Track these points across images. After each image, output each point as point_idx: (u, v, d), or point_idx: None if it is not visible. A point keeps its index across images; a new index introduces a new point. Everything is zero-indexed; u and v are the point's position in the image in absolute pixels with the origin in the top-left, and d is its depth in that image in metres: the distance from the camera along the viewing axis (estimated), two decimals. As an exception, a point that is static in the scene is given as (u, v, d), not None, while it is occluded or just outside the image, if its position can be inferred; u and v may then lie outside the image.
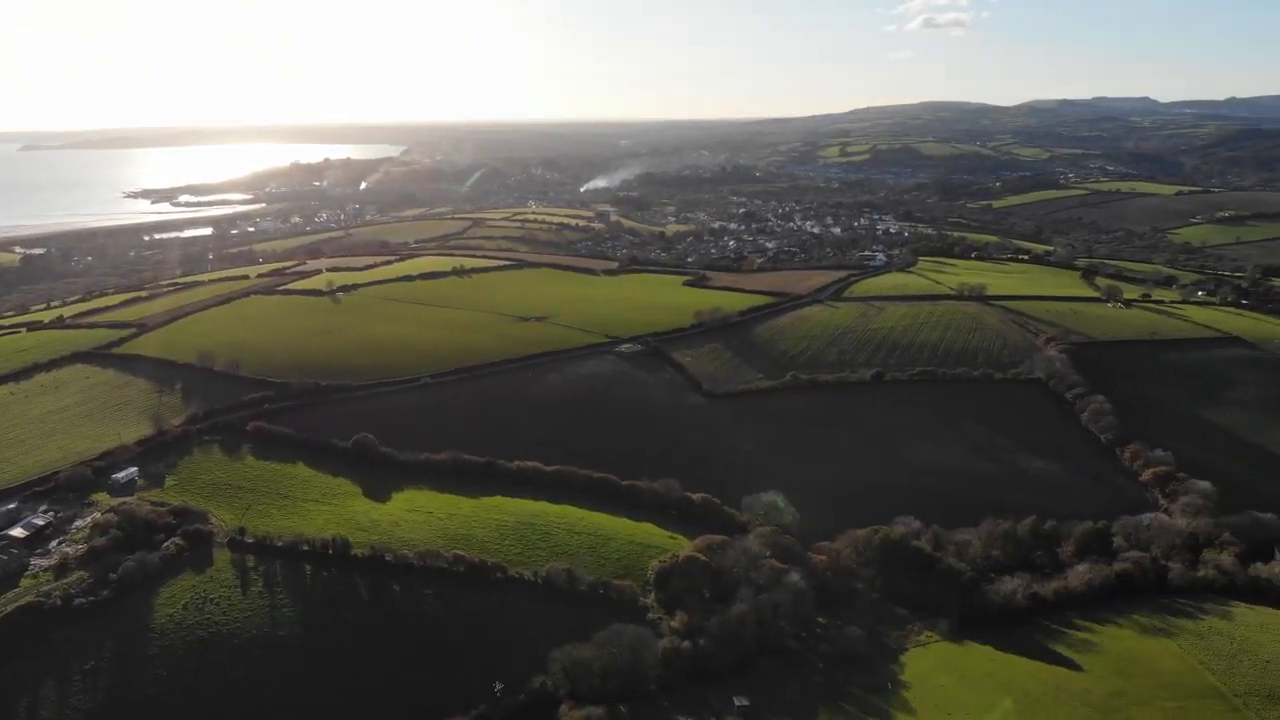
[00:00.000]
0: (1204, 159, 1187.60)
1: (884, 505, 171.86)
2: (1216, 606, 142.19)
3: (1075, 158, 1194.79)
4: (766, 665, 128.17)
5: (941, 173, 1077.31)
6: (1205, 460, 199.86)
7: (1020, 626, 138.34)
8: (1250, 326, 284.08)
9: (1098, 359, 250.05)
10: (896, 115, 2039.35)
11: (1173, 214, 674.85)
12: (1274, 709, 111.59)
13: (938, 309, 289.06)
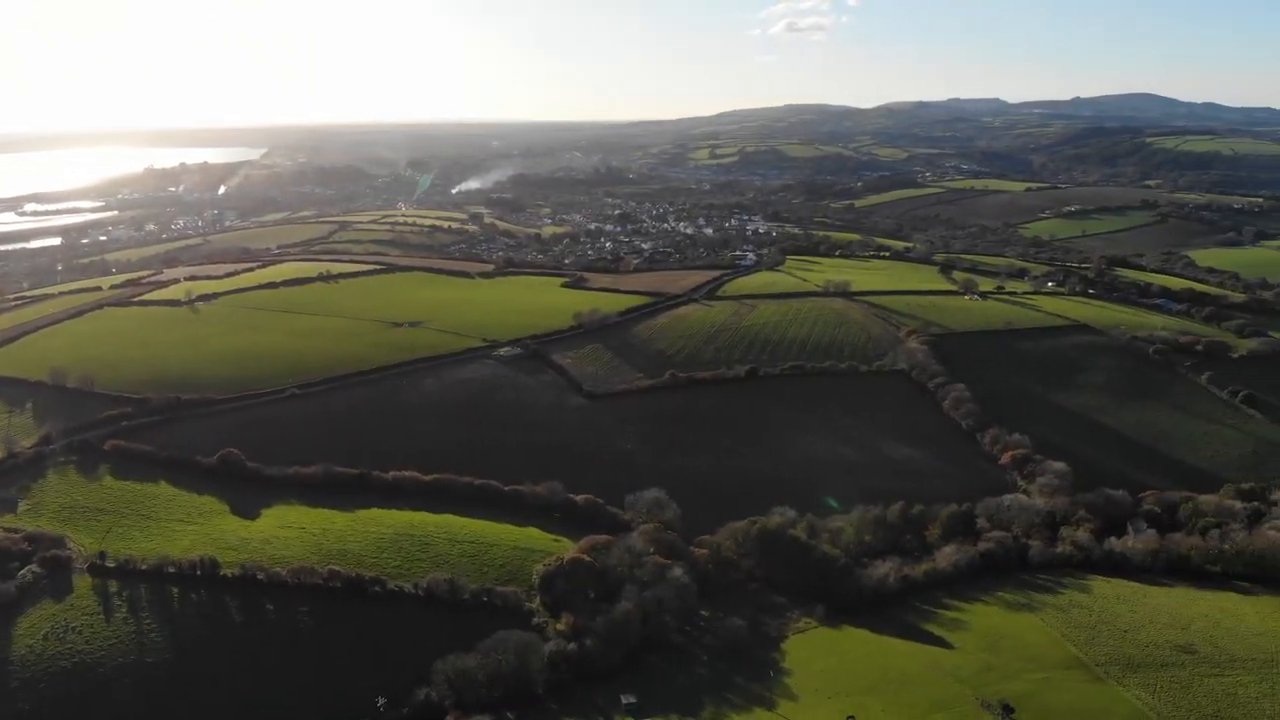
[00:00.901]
0: (1051, 156, 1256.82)
1: (761, 496, 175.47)
2: (1075, 580, 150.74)
3: (932, 157, 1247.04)
4: (653, 661, 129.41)
5: (806, 173, 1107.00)
6: (1060, 442, 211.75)
7: (893, 608, 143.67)
8: (1097, 314, 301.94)
9: (957, 349, 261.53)
10: (762, 118, 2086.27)
11: (1023, 209, 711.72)
12: (1132, 676, 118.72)
13: (806, 305, 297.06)
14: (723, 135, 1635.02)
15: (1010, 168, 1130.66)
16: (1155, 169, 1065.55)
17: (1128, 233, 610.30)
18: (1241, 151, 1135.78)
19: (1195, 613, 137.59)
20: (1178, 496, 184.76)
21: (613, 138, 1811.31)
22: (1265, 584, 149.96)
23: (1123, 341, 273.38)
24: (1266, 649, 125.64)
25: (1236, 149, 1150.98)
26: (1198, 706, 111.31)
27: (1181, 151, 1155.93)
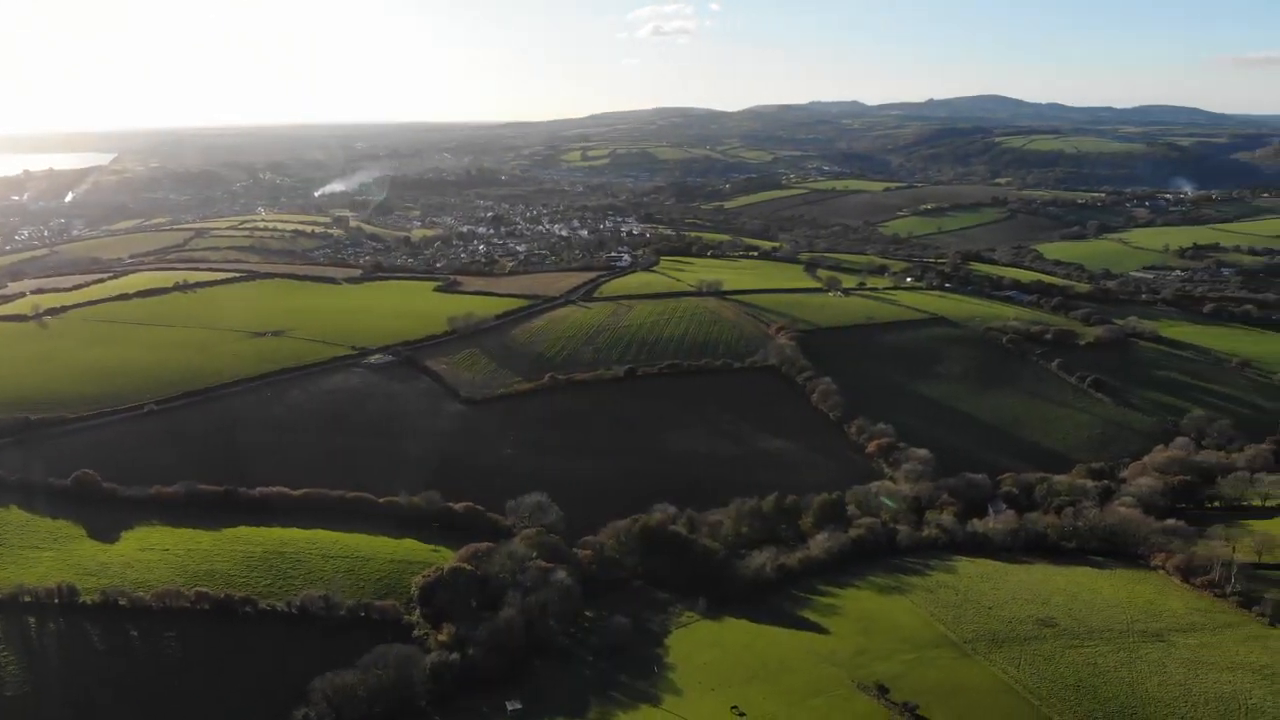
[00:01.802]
0: (908, 157, 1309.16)
1: (643, 494, 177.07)
2: (941, 562, 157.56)
3: (795, 159, 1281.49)
4: (539, 666, 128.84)
5: (677, 175, 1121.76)
6: (922, 430, 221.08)
7: (772, 597, 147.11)
8: (953, 307, 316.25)
9: (823, 344, 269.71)
10: (632, 120, 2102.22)
11: (882, 208, 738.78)
12: (998, 651, 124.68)
13: (680, 305, 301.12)
14: (594, 137, 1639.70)
15: (870, 168, 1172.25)
16: (1005, 167, 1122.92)
17: (980, 228, 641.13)
18: (1084, 149, 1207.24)
19: (1054, 587, 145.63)
20: (1034, 477, 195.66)
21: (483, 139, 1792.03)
22: (1117, 557, 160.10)
23: (978, 332, 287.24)
24: (1122, 619, 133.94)
25: (1079, 147, 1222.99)
26: (1060, 677, 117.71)
27: (1029, 150, 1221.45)
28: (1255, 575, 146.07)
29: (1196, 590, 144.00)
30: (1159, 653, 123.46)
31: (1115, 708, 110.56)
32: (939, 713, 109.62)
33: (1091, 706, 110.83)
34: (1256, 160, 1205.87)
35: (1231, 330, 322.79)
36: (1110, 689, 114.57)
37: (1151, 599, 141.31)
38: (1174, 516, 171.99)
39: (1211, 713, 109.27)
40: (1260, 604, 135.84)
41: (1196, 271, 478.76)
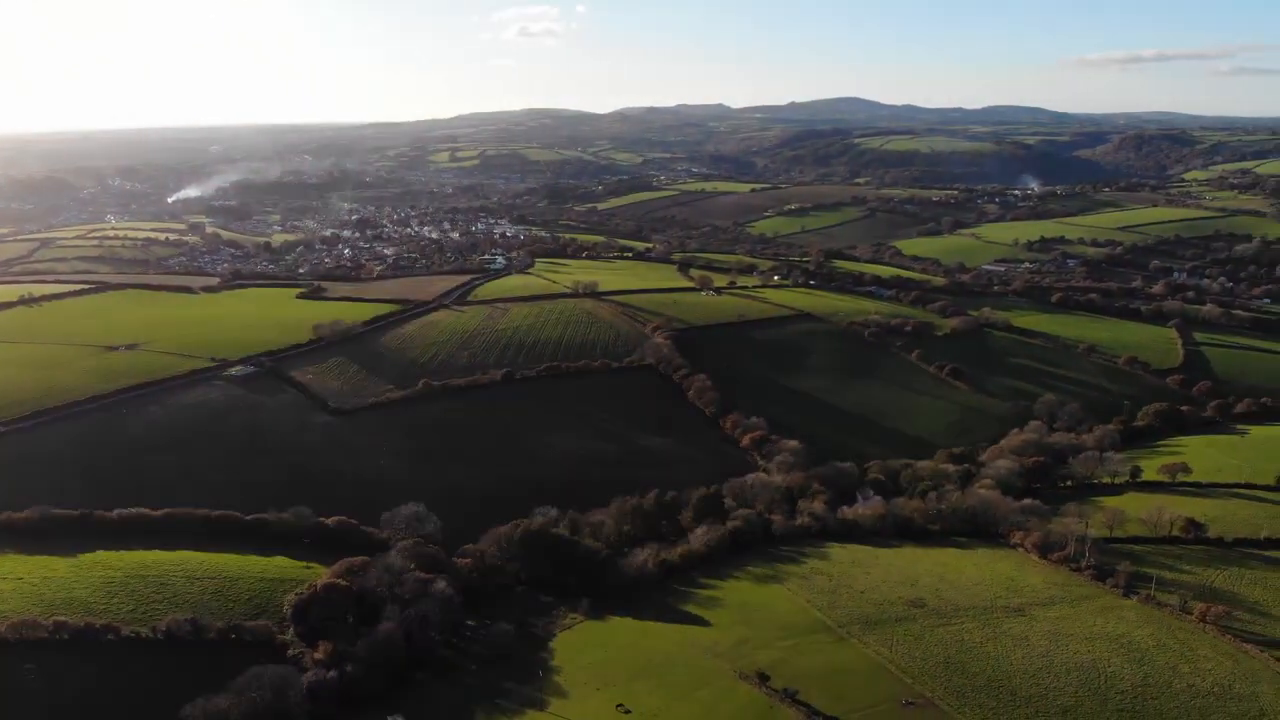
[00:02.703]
0: (772, 158, 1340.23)
1: (525, 498, 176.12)
2: (815, 549, 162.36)
3: (665, 161, 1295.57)
4: (421, 678, 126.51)
5: (549, 177, 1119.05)
6: (793, 422, 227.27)
7: (655, 593, 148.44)
8: (818, 303, 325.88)
9: (698, 342, 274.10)
10: (502, 121, 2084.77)
11: (750, 209, 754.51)
12: (871, 633, 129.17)
13: (557, 307, 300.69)
14: (462, 138, 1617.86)
15: (737, 170, 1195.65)
16: (863, 167, 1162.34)
17: (842, 227, 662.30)
18: (938, 149, 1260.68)
19: (922, 569, 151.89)
20: (899, 464, 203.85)
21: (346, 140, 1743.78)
22: (979, 537, 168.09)
23: (842, 326, 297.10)
24: (986, 596, 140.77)
25: (933, 147, 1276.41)
26: (930, 655, 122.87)
27: (886, 151, 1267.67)
28: (1107, 549, 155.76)
29: (1054, 565, 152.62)
30: (1022, 626, 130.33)
31: (983, 682, 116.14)
32: (818, 696, 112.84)
33: (961, 682, 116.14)
34: (1097, 156, 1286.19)
35: (1078, 318, 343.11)
36: (978, 664, 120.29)
37: (1012, 576, 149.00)
38: (1030, 496, 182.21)
39: (1073, 682, 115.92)
40: (1113, 576, 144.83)
41: (1044, 263, 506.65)
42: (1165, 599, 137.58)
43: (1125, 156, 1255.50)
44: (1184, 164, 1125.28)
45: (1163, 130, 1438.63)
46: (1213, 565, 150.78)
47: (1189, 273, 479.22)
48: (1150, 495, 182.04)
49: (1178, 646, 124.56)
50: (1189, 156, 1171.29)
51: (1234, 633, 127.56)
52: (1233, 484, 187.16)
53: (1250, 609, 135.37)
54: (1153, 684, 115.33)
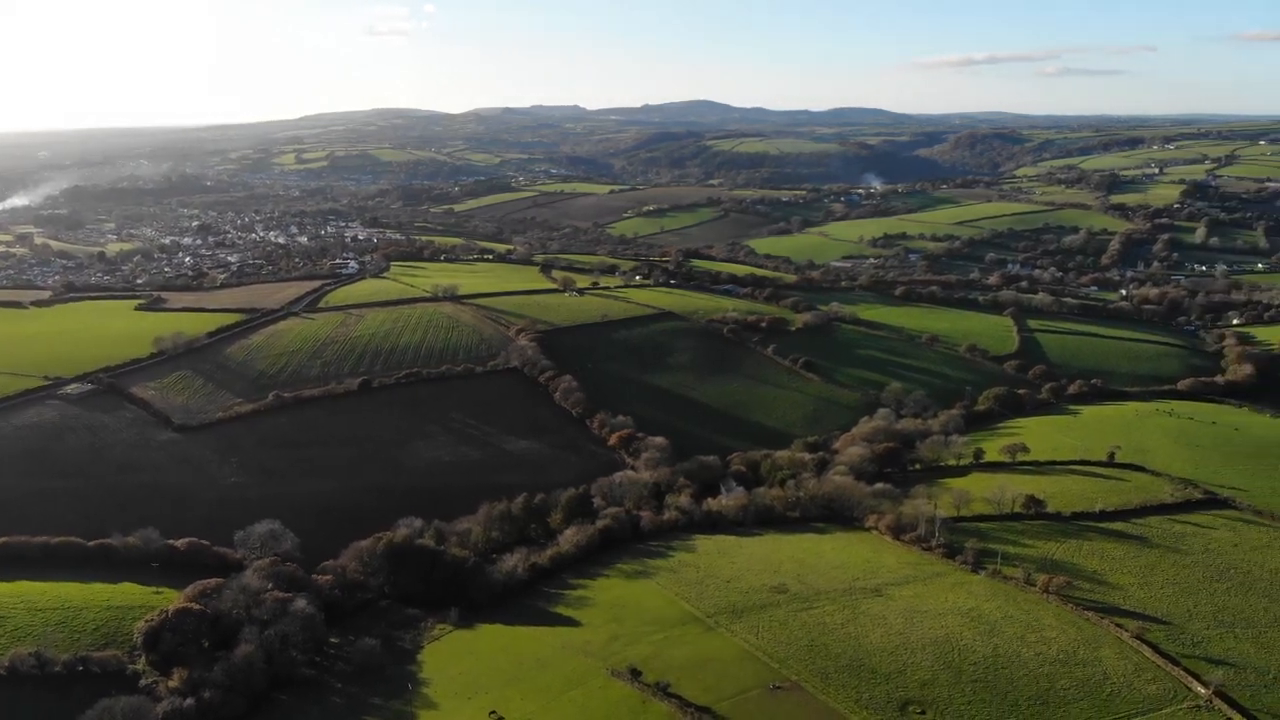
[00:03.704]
0: (629, 160, 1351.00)
1: (388, 510, 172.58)
2: (683, 542, 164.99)
3: (523, 161, 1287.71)
4: (284, 700, 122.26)
5: (402, 178, 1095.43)
6: (658, 419, 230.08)
7: (526, 597, 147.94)
8: (678, 302, 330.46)
9: (563, 343, 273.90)
10: (350, 121, 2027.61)
11: (609, 210, 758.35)
12: (738, 621, 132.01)
13: (416, 311, 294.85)
14: (309, 139, 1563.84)
15: (595, 171, 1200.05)
16: (716, 169, 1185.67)
17: (698, 227, 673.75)
18: (786, 150, 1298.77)
19: (784, 556, 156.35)
20: (759, 455, 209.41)
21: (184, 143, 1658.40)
22: (836, 522, 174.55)
23: (702, 324, 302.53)
24: (844, 579, 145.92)
25: (782, 148, 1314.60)
26: (794, 640, 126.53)
27: (737, 152, 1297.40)
28: (955, 527, 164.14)
29: (906, 546, 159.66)
30: (879, 606, 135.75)
31: (845, 662, 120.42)
32: (689, 687, 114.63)
33: (824, 663, 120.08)
34: (935, 155, 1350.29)
35: (921, 309, 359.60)
36: (840, 645, 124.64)
37: (868, 558, 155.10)
38: (882, 480, 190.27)
39: (929, 656, 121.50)
40: (962, 553, 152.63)
41: (888, 259, 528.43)
42: (1010, 573, 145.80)
43: (961, 155, 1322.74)
44: (1015, 161, 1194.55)
45: (995, 129, 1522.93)
46: (1053, 539, 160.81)
47: (1022, 264, 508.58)
48: (993, 475, 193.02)
49: (1024, 617, 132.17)
50: (1020, 154, 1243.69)
51: (1075, 602, 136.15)
52: (1068, 461, 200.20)
53: (1089, 578, 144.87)
54: (1003, 654, 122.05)
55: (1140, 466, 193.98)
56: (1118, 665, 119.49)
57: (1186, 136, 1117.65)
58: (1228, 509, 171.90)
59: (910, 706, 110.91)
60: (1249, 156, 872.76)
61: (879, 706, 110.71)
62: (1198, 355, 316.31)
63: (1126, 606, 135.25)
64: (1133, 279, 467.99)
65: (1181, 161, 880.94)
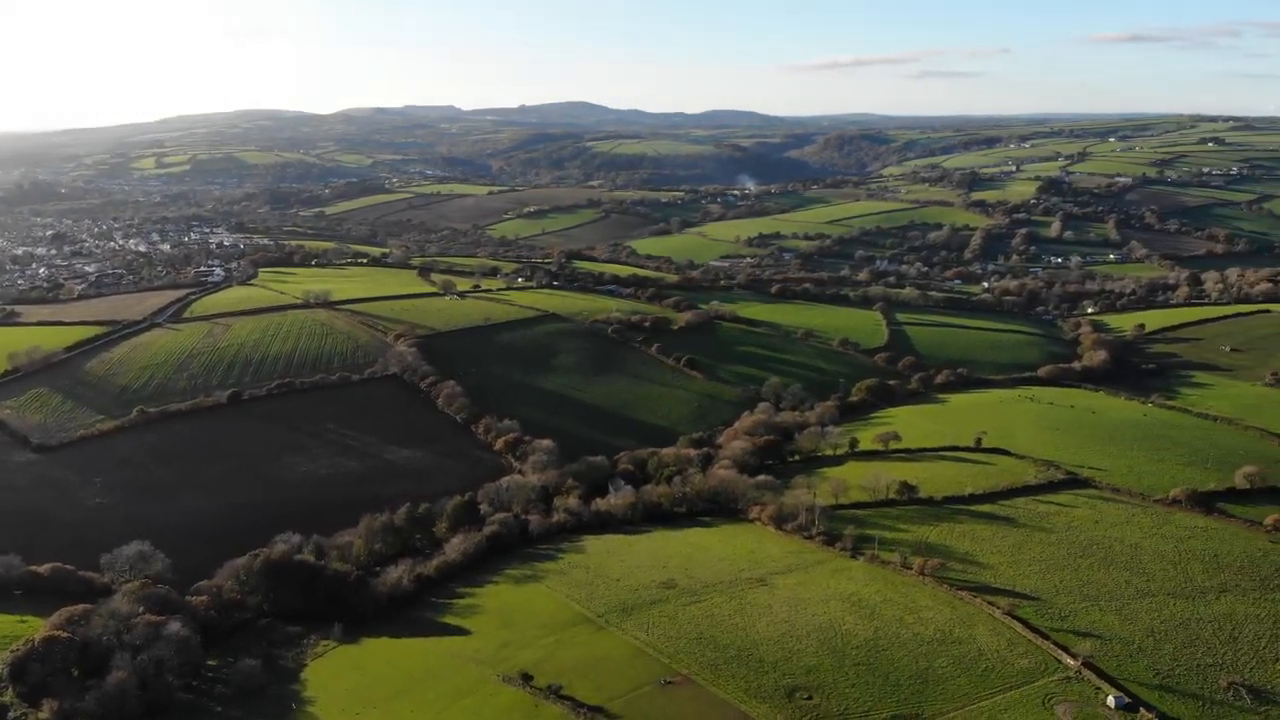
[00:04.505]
0: (508, 161, 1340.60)
1: (265, 526, 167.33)
2: (572, 544, 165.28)
3: (397, 163, 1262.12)
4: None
5: (269, 181, 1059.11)
6: (545, 421, 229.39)
7: (412, 609, 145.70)
8: (562, 303, 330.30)
9: (444, 348, 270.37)
10: (213, 124, 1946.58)
11: (489, 211, 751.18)
12: (628, 619, 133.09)
13: (287, 319, 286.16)
14: (170, 143, 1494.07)
15: (472, 172, 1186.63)
16: (596, 170, 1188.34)
17: (580, 228, 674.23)
18: (663, 152, 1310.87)
19: (672, 551, 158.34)
20: (646, 453, 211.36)
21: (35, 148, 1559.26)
22: (722, 515, 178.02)
23: (586, 325, 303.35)
24: (731, 571, 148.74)
25: (659, 150, 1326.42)
26: (684, 634, 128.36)
27: (616, 154, 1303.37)
28: (834, 515, 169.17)
29: (789, 535, 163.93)
30: (765, 596, 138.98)
31: (734, 653, 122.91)
32: (581, 688, 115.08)
33: (714, 655, 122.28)
34: (806, 156, 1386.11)
35: (796, 306, 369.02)
36: (728, 636, 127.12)
37: (753, 548, 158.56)
38: (764, 472, 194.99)
39: (813, 643, 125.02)
40: (841, 540, 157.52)
41: (763, 258, 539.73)
42: (888, 557, 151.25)
43: (830, 155, 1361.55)
44: (881, 161, 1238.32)
45: (862, 130, 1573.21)
46: (926, 522, 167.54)
47: (889, 260, 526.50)
48: (868, 463, 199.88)
49: (902, 600, 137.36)
50: (885, 154, 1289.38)
51: (949, 582, 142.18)
52: (938, 448, 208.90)
53: (962, 559, 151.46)
54: (883, 636, 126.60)
55: (1005, 450, 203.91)
56: (991, 642, 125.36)
57: (1041, 135, 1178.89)
58: (1088, 488, 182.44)
59: (797, 693, 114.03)
60: (1100, 153, 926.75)
61: (767, 695, 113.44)
62: (1056, 343, 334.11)
63: (997, 585, 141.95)
64: (994, 272, 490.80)
65: (1037, 159, 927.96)
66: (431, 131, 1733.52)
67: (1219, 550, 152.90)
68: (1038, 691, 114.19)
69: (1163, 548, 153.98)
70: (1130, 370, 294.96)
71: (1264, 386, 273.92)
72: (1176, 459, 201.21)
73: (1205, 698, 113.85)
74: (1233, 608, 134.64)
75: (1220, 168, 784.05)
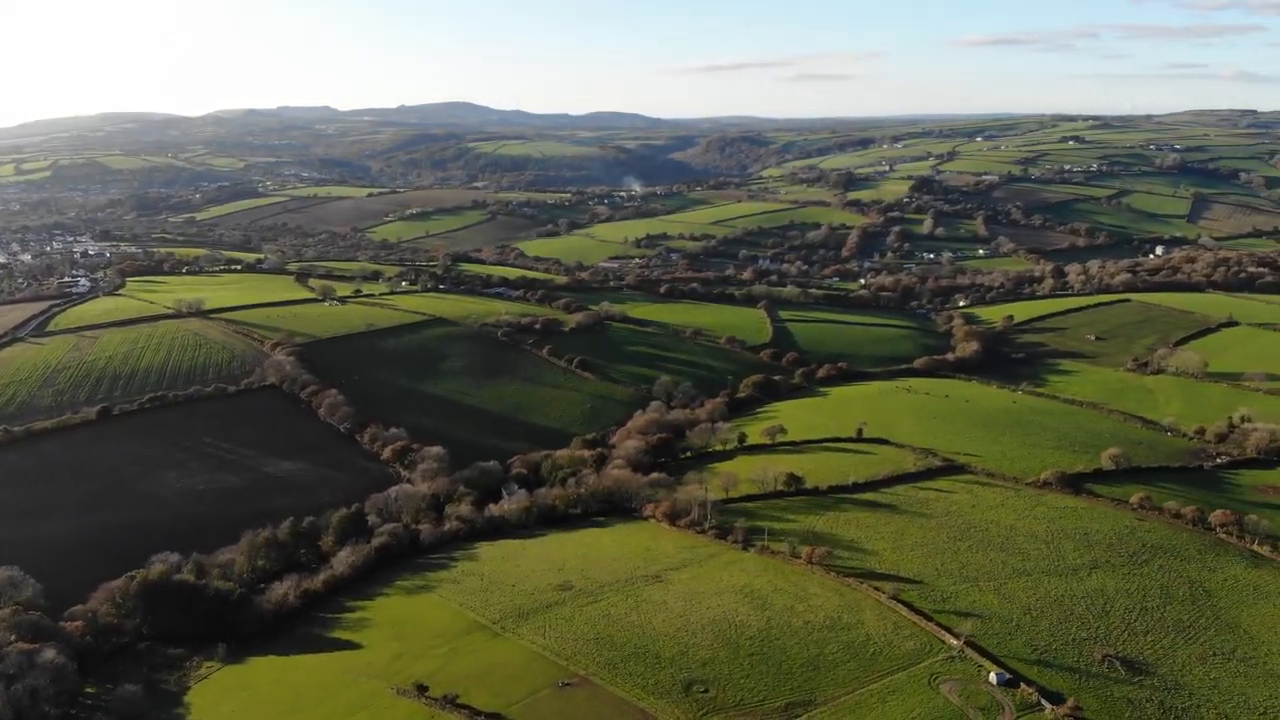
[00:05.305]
0: (388, 162, 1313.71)
1: (141, 546, 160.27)
2: (465, 552, 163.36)
3: (271, 165, 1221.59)
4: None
5: (136, 187, 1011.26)
6: (434, 428, 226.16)
7: (300, 626, 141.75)
8: (449, 307, 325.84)
9: (326, 355, 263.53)
10: (76, 128, 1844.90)
11: (369, 214, 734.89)
12: (525, 624, 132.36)
13: (158, 330, 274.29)
14: (29, 148, 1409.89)
15: (350, 173, 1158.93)
16: (480, 171, 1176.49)
17: (465, 230, 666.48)
18: (548, 153, 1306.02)
19: (568, 553, 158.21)
20: (539, 456, 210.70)
21: None
22: (617, 514, 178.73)
23: (475, 328, 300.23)
24: (626, 569, 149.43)
25: (544, 151, 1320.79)
26: (581, 635, 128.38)
27: (500, 155, 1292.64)
28: (726, 509, 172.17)
29: (682, 531, 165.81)
30: (660, 592, 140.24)
31: (630, 651, 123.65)
32: (478, 696, 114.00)
33: (611, 654, 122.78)
34: (689, 158, 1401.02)
35: (684, 305, 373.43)
36: (624, 635, 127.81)
37: (648, 546, 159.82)
38: (658, 470, 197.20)
39: (708, 636, 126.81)
40: (733, 533, 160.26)
41: (651, 258, 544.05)
42: (777, 547, 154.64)
43: (712, 157, 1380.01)
44: (761, 162, 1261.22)
45: (743, 133, 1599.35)
46: (813, 512, 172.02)
47: (772, 259, 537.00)
48: (756, 457, 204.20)
49: (792, 589, 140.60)
50: (765, 155, 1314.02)
51: (837, 570, 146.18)
52: (822, 439, 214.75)
53: (848, 546, 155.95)
54: (775, 626, 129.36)
55: (886, 440, 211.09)
56: (878, 626, 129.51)
57: (913, 135, 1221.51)
58: (964, 474, 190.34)
59: (694, 686, 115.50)
60: (968, 152, 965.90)
61: (665, 690, 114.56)
62: (930, 336, 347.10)
63: (882, 570, 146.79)
64: (870, 269, 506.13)
65: (909, 159, 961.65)
66: (307, 133, 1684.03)
67: (1089, 529, 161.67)
68: (923, 672, 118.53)
69: (1036, 528, 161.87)
70: (1001, 360, 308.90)
71: (1126, 372, 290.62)
72: (1046, 443, 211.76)
73: (1081, 670, 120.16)
74: (1104, 583, 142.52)
75: (1081, 165, 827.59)
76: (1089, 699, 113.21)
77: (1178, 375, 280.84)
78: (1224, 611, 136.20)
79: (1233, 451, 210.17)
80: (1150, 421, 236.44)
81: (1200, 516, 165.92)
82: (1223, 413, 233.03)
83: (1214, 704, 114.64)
